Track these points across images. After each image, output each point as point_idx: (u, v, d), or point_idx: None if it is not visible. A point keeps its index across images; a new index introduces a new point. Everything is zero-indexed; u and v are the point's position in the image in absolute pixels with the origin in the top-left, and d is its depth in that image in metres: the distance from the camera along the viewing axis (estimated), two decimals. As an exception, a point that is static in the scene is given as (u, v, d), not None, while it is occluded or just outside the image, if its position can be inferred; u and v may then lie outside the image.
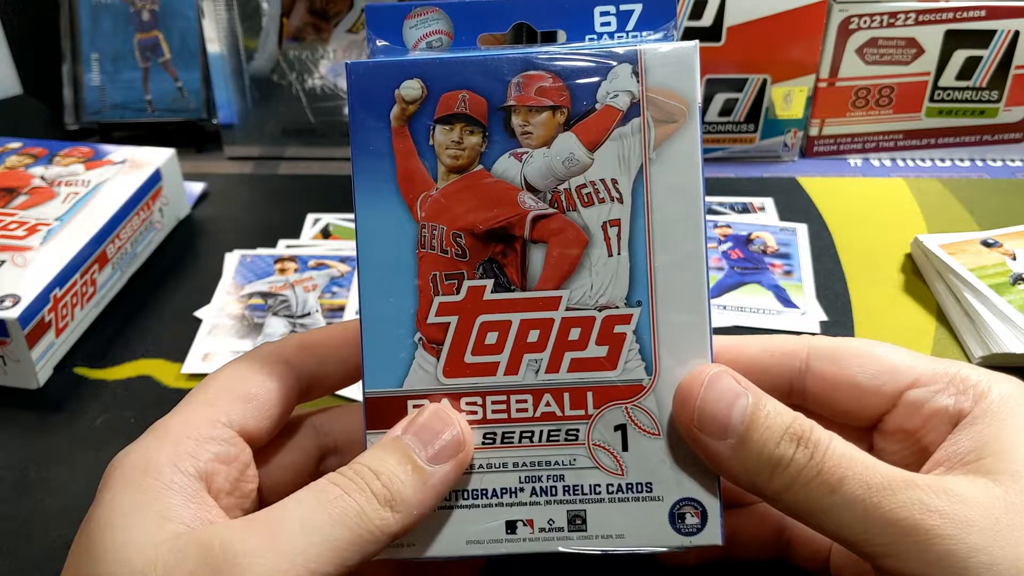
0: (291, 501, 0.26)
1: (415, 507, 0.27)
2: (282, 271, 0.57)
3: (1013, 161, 0.74)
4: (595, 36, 0.30)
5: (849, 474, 0.26)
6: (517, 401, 0.29)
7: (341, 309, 0.53)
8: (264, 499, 0.31)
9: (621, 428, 0.29)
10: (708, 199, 0.66)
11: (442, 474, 0.27)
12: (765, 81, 0.70)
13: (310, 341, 0.32)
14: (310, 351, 0.31)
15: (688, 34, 0.68)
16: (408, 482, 0.27)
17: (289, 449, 0.32)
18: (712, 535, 0.29)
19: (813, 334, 0.53)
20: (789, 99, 0.71)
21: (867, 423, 0.31)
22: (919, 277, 0.58)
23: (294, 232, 0.63)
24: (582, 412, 0.29)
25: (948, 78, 0.71)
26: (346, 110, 0.73)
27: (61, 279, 0.50)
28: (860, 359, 0.31)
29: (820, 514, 0.27)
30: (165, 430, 0.28)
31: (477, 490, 0.29)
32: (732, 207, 0.65)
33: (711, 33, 0.68)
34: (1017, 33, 0.69)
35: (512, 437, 0.29)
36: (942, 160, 0.75)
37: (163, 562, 0.24)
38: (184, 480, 0.27)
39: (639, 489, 0.29)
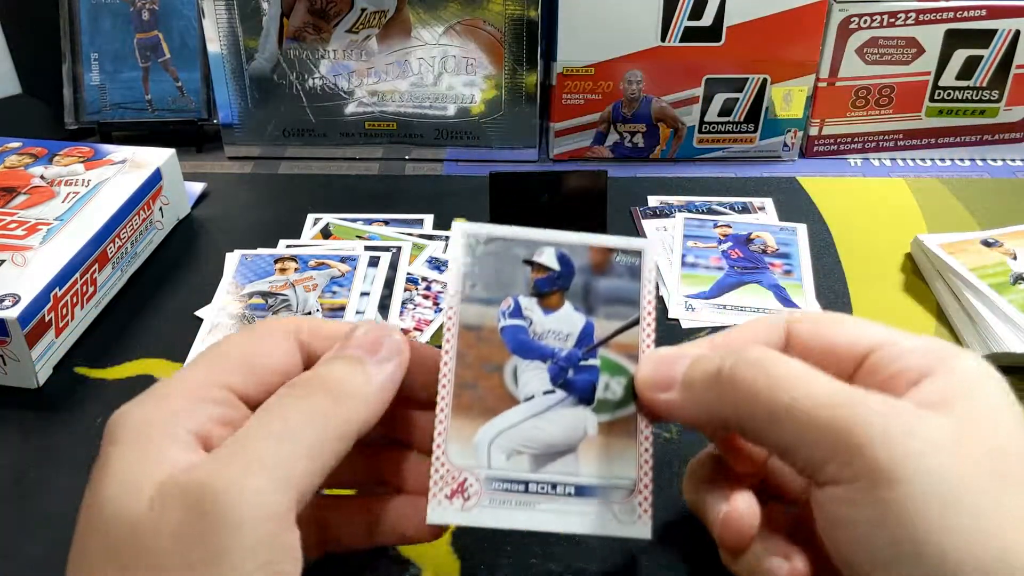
0: (256, 422, 0.27)
1: (368, 402, 0.29)
2: (282, 271, 0.57)
3: (1013, 161, 0.74)
4: None
5: (798, 385, 0.28)
6: None
7: (341, 309, 0.53)
8: None
9: None
10: (708, 199, 0.66)
11: (387, 372, 0.30)
12: (765, 81, 0.70)
13: (324, 329, 0.32)
14: (321, 338, 0.32)
15: (688, 34, 0.69)
16: (357, 379, 0.29)
17: None
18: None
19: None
20: (789, 99, 0.71)
21: None
22: (919, 277, 0.58)
23: (294, 232, 0.63)
24: None
25: (948, 78, 0.71)
26: (346, 109, 0.73)
27: (61, 278, 0.50)
28: (835, 324, 0.32)
29: (769, 426, 0.28)
30: (164, 389, 0.29)
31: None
32: (732, 207, 0.65)
33: (711, 33, 0.68)
34: (1018, 33, 0.69)
35: None
36: (942, 160, 0.75)
37: (148, 510, 0.25)
38: (182, 434, 0.27)
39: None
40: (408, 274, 0.57)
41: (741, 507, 0.31)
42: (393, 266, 0.57)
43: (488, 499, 0.32)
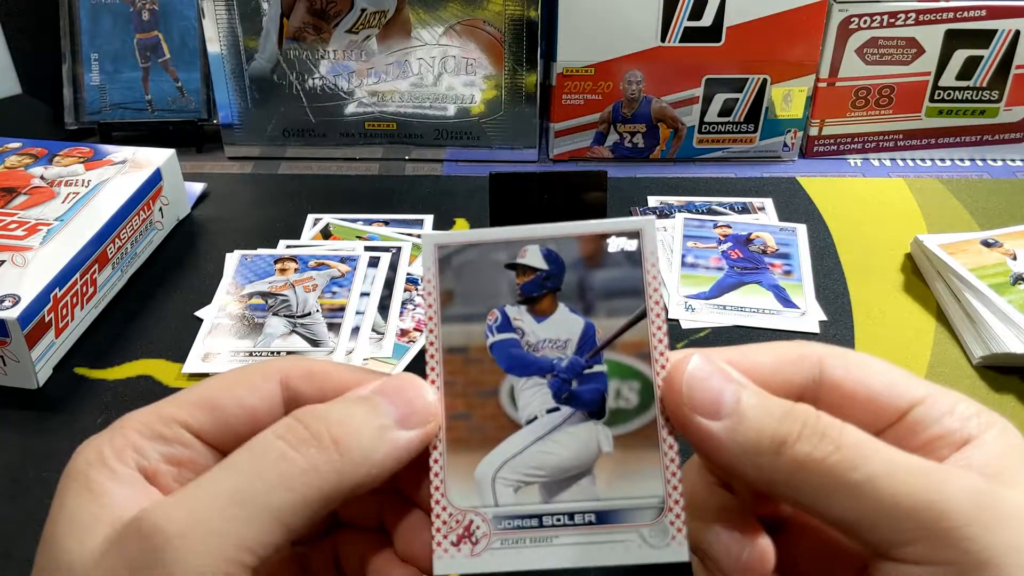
0: (223, 468, 0.25)
1: (374, 465, 0.26)
2: (282, 271, 0.57)
3: (1013, 161, 0.74)
4: None
5: (871, 454, 0.26)
6: None
7: (341, 309, 0.54)
8: None
9: None
10: (708, 199, 0.66)
11: (407, 439, 0.27)
12: (765, 81, 0.70)
13: (318, 372, 0.30)
14: (314, 381, 0.29)
15: (688, 34, 0.69)
16: (371, 436, 0.26)
17: None
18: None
19: (814, 335, 0.53)
20: (789, 99, 0.71)
21: None
22: (919, 277, 0.58)
23: (294, 232, 0.63)
24: None
25: (948, 78, 0.71)
26: (346, 109, 0.73)
27: (61, 279, 0.50)
28: (874, 368, 0.30)
29: (833, 500, 0.26)
30: (123, 422, 0.28)
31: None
32: (732, 207, 0.65)
33: (711, 33, 0.68)
34: (1017, 33, 0.69)
35: None
36: (942, 160, 0.75)
37: (90, 555, 0.24)
38: (126, 471, 0.26)
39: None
40: (408, 274, 0.57)
41: (765, 554, 0.29)
42: (393, 266, 0.57)
43: (499, 540, 0.29)
